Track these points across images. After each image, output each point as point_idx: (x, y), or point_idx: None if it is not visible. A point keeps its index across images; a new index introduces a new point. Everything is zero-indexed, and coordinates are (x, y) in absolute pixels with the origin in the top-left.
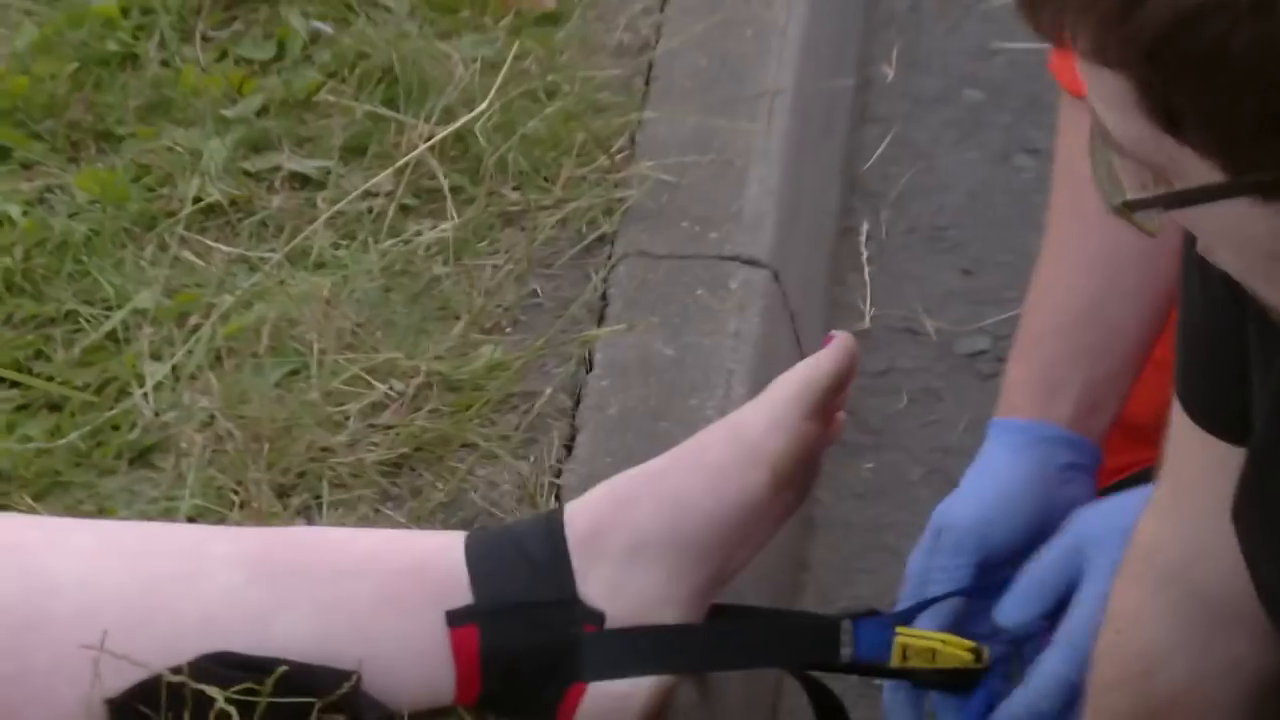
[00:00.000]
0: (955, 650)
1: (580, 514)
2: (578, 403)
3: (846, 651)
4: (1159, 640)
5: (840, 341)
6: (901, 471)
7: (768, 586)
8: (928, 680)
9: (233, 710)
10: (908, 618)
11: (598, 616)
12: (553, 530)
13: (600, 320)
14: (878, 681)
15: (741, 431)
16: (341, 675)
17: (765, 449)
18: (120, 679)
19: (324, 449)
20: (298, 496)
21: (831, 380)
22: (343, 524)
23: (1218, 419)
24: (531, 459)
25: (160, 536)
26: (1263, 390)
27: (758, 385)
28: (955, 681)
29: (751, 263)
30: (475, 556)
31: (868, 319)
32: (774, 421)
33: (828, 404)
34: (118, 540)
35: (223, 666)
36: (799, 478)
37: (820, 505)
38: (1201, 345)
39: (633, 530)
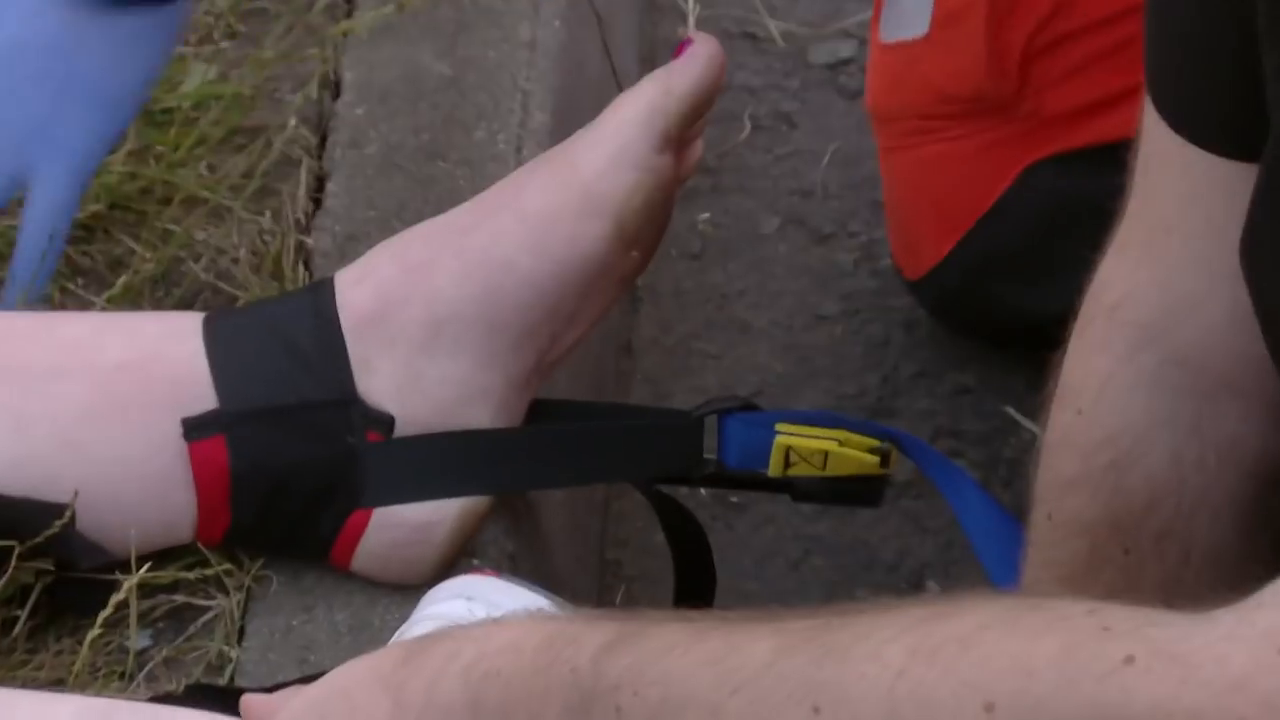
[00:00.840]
0: (854, 452)
1: (356, 286)
2: (324, 138)
3: (711, 458)
4: (1132, 420)
5: (701, 47)
6: (749, 222)
7: (584, 377)
8: (815, 492)
9: None
10: (794, 414)
11: (385, 421)
12: (320, 309)
13: (346, 31)
14: (735, 497)
15: (573, 171)
16: (48, 509)
17: (605, 193)
18: None
19: None
20: None
21: (691, 101)
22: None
23: (1206, 124)
24: (268, 214)
25: None
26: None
27: (564, 111)
28: (853, 493)
29: None
30: (218, 346)
31: (691, 21)
32: (616, 156)
33: (684, 131)
34: None
35: None
36: (646, 229)
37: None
38: (1185, 20)
39: (430, 304)
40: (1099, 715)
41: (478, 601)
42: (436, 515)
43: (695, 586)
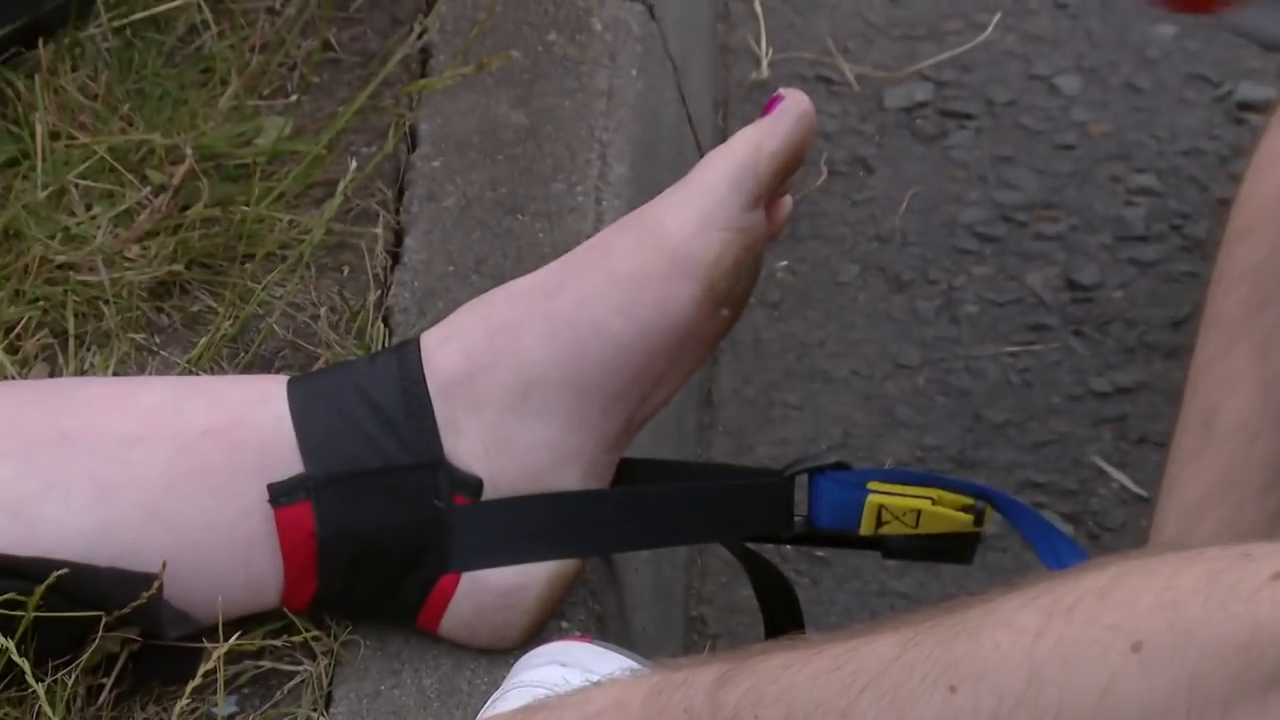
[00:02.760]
0: (947, 510)
1: (443, 348)
2: (401, 192)
3: (801, 517)
4: None
5: (792, 105)
6: (828, 270)
7: (666, 431)
8: (906, 550)
9: None
10: (886, 473)
11: (473, 484)
12: (406, 370)
13: (422, 76)
14: (821, 553)
15: (662, 231)
16: (135, 579)
17: (695, 254)
18: None
19: (61, 267)
20: (31, 337)
21: (782, 159)
22: (101, 370)
23: None
24: (346, 269)
25: None
26: None
27: (642, 161)
28: (943, 551)
29: None
30: (303, 410)
31: (765, 66)
32: (706, 217)
33: (774, 190)
34: None
35: None
36: (736, 288)
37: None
38: None
39: (518, 366)
40: (1251, 633)
41: (572, 668)
42: (525, 579)
43: None
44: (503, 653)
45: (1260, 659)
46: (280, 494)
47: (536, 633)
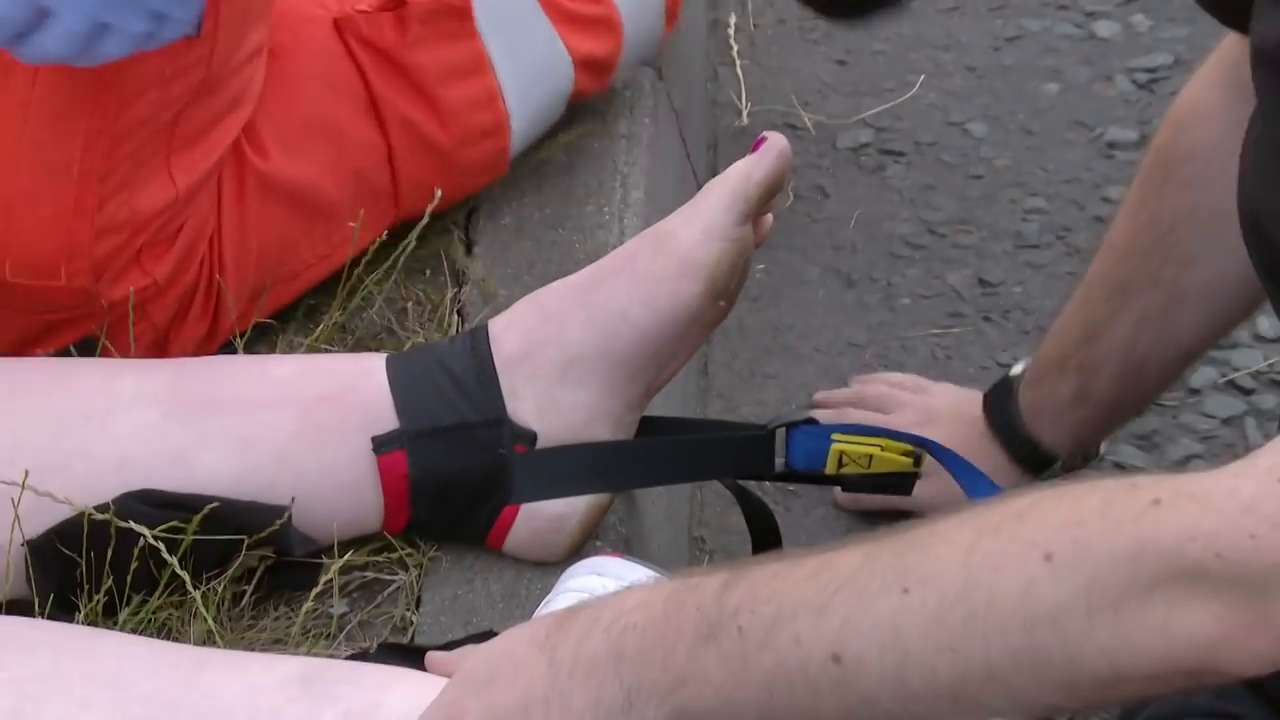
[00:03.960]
0: (892, 455)
1: (506, 331)
2: (470, 213)
3: (780, 460)
4: (1203, 101)
5: (773, 144)
6: (795, 271)
7: (673, 394)
8: (860, 486)
9: (161, 546)
10: (846, 427)
11: (529, 436)
12: (478, 349)
13: None
14: (793, 487)
15: (674, 241)
16: (271, 511)
17: (699, 258)
18: (42, 525)
19: None
20: None
21: (766, 186)
22: (239, 346)
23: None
24: (428, 272)
25: (69, 374)
26: None
27: (653, 188)
28: (889, 485)
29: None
30: (398, 379)
31: (745, 115)
32: (708, 229)
33: (760, 209)
34: (26, 382)
35: (147, 505)
36: (731, 285)
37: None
38: None
39: (564, 346)
40: (1139, 546)
41: (608, 576)
42: (570, 509)
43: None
44: (552, 565)
45: (1145, 565)
46: (381, 444)
47: (578, 550)
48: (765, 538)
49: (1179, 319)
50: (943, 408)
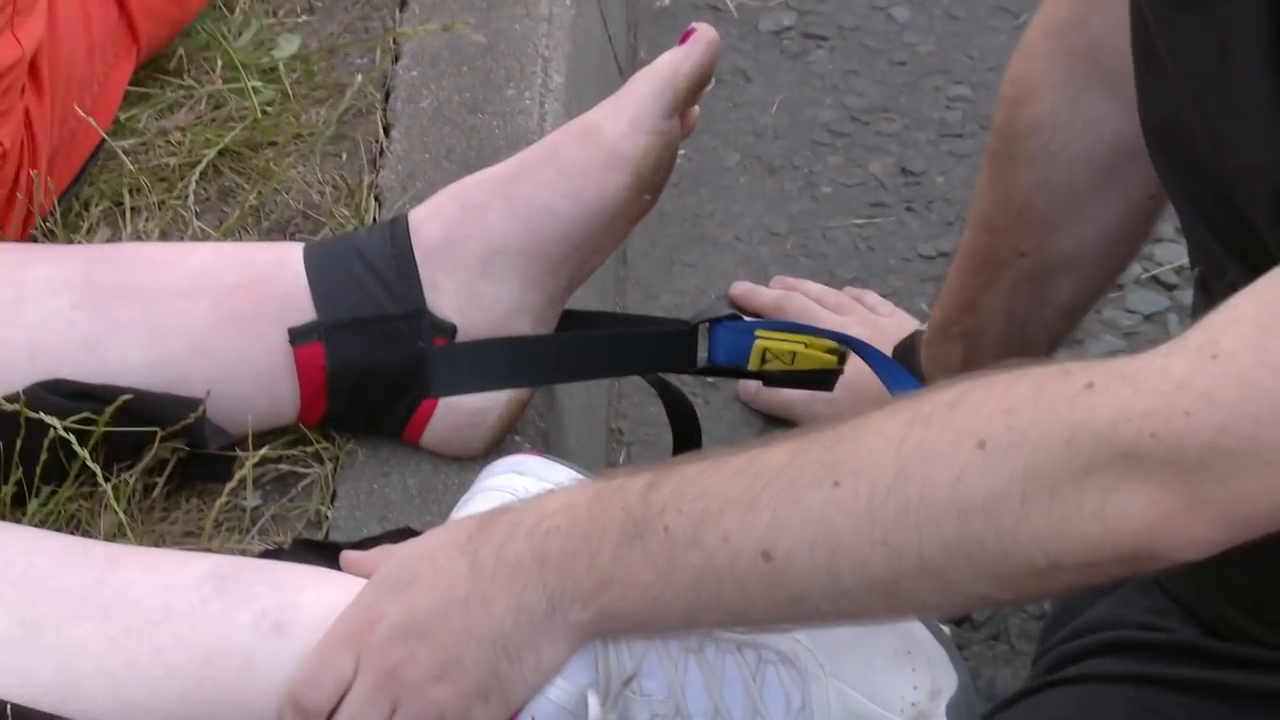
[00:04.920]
0: (816, 352)
1: (427, 223)
2: (387, 95)
3: (703, 355)
4: (1035, 74)
5: (702, 36)
6: (716, 157)
7: (593, 283)
8: (784, 381)
9: (71, 438)
10: (770, 324)
11: (449, 329)
12: (398, 240)
13: (402, 4)
14: (713, 380)
15: (599, 133)
16: (185, 403)
17: (626, 151)
18: None
19: (115, 156)
20: (98, 206)
21: (695, 78)
22: (149, 234)
23: None
24: (344, 156)
25: None
26: None
27: (574, 73)
28: (811, 381)
29: None
30: (316, 270)
31: None
32: (634, 122)
33: (688, 102)
34: None
35: (59, 395)
36: (657, 178)
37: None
38: None
39: (485, 238)
40: (1073, 430)
41: (529, 476)
42: (489, 403)
43: (686, 449)
44: (470, 460)
45: (1080, 450)
46: (298, 336)
47: (497, 445)
48: (685, 430)
49: (1051, 284)
50: (890, 329)
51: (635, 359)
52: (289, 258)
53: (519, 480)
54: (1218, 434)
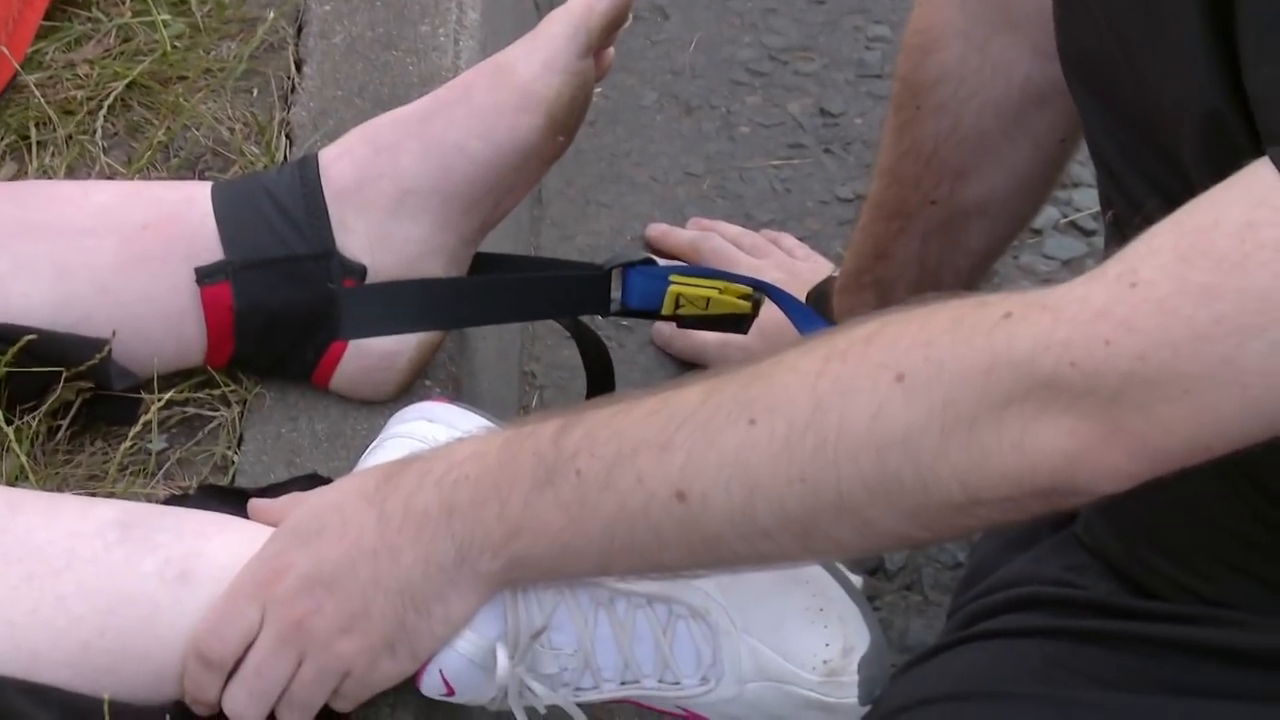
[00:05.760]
0: (730, 298)
1: (337, 162)
2: (300, 30)
3: (616, 298)
4: (940, 21)
5: None
6: (633, 96)
7: (507, 223)
8: (697, 325)
9: None
10: (684, 269)
11: (359, 270)
12: (307, 180)
13: None
14: (626, 322)
15: (513, 73)
16: (91, 344)
17: (539, 92)
18: None
19: (21, 90)
20: (3, 140)
21: (609, 19)
22: (55, 169)
23: None
24: (255, 91)
25: None
26: None
27: (489, 9)
28: (724, 325)
29: None
30: (224, 209)
31: None
32: (548, 62)
33: (603, 42)
34: None
35: None
36: (571, 119)
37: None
38: None
39: (397, 179)
40: (991, 360)
41: (438, 424)
42: (399, 346)
43: (600, 392)
44: (380, 405)
45: (999, 380)
46: (205, 275)
47: (407, 389)
48: (599, 374)
49: (963, 230)
50: (806, 273)
51: (548, 303)
52: (197, 196)
53: (429, 428)
54: (1137, 362)
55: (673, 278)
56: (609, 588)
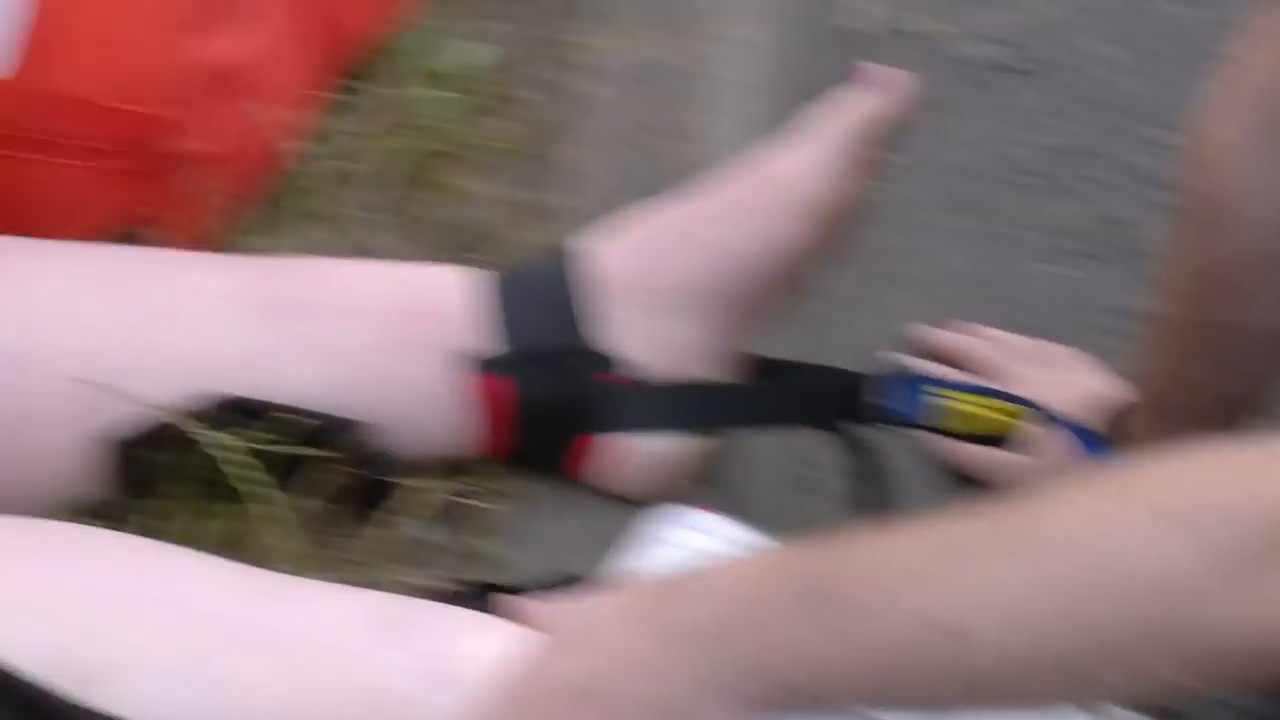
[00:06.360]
0: (998, 416)
1: (610, 258)
2: (578, 114)
3: (878, 407)
4: (1230, 139)
5: (896, 82)
6: (903, 190)
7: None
8: (963, 438)
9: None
10: (952, 384)
11: (626, 367)
12: (580, 272)
13: (596, 22)
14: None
15: (784, 176)
16: (358, 427)
17: (809, 197)
18: (110, 419)
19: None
20: (270, 211)
21: (884, 128)
22: (319, 244)
23: None
24: (527, 174)
25: (137, 264)
26: None
27: (766, 100)
28: (988, 440)
29: None
30: (498, 297)
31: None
32: (819, 167)
33: (876, 149)
34: (97, 269)
35: (240, 412)
36: (840, 224)
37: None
38: None
39: (668, 277)
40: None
41: (708, 534)
42: (664, 446)
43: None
44: (641, 504)
45: None
46: (488, 365)
47: (668, 489)
48: (871, 483)
49: (1244, 355)
50: (1082, 389)
51: (810, 410)
52: (456, 280)
53: (700, 538)
54: None
55: (942, 391)
56: (869, 718)
